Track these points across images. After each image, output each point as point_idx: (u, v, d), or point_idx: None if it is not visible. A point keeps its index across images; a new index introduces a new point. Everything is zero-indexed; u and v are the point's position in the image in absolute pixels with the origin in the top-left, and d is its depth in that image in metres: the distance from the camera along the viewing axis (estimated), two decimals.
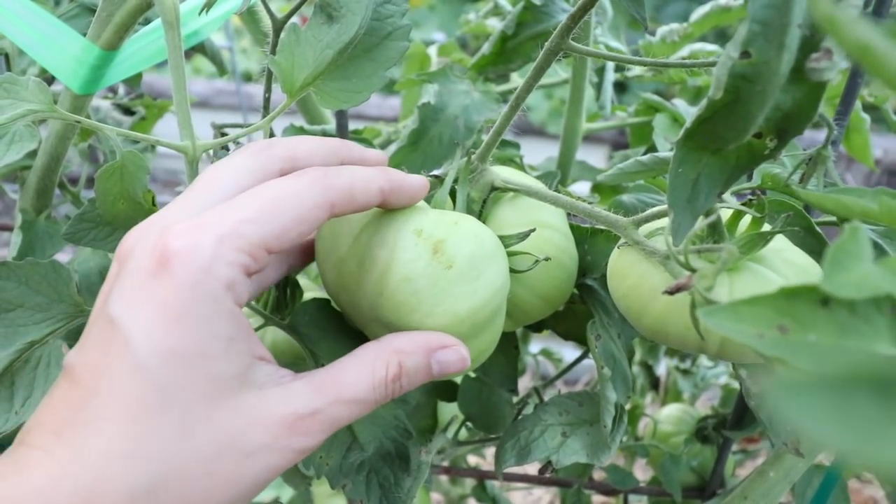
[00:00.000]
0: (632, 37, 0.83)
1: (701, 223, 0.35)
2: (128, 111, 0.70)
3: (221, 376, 0.32)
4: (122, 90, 0.70)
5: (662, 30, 0.73)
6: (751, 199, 0.37)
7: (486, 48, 0.65)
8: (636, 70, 0.77)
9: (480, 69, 0.68)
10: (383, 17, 0.43)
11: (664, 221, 0.40)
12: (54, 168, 0.56)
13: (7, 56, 0.56)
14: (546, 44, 0.42)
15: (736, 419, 0.67)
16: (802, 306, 0.25)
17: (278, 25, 0.47)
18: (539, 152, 0.90)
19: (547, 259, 0.45)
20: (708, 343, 0.36)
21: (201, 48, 0.63)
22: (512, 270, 0.45)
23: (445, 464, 0.87)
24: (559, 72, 0.76)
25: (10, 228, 0.57)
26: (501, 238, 0.45)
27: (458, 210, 0.47)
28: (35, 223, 0.57)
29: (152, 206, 0.46)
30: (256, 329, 0.47)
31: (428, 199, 0.48)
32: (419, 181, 0.41)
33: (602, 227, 0.45)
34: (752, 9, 0.31)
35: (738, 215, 0.39)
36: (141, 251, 0.33)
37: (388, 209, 0.42)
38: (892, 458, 0.14)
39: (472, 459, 0.90)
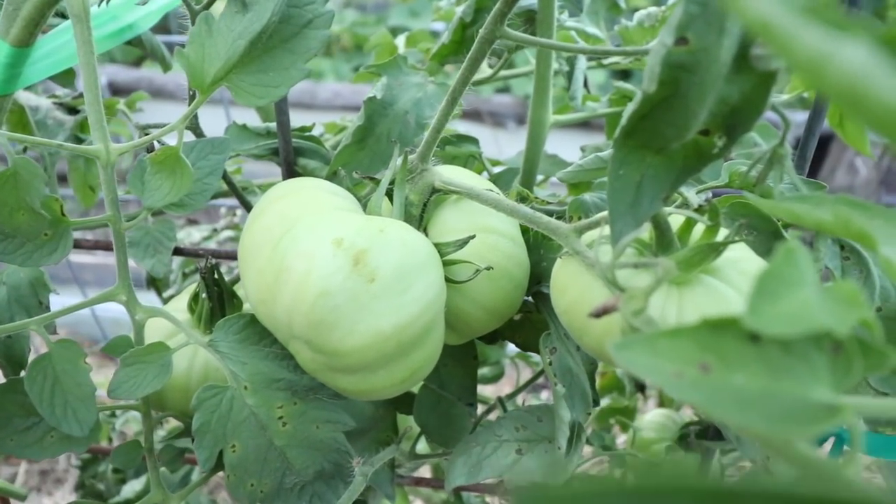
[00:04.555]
0: (616, 21, 0.78)
1: (641, 231, 0.31)
2: (72, 110, 0.66)
3: None
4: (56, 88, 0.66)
5: (639, 14, 0.69)
6: (702, 205, 0.33)
7: (445, 37, 0.61)
8: (615, 57, 0.73)
9: (441, 59, 0.64)
10: (302, 4, 0.39)
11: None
12: None
13: None
14: (480, 31, 0.38)
15: (717, 428, 0.63)
16: (729, 341, 0.21)
17: (194, 15, 0.43)
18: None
19: (489, 268, 0.41)
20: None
21: (139, 42, 0.59)
22: (449, 281, 0.41)
23: (426, 472, 0.84)
24: (531, 59, 0.72)
25: None
26: (438, 246, 0.41)
27: (394, 214, 0.43)
28: None
29: (62, 216, 0.43)
30: (178, 348, 0.43)
31: (366, 206, 0.44)
32: None
33: None
34: None
35: (690, 222, 0.34)
36: None
37: (309, 215, 0.38)
38: None
39: None
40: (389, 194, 0.44)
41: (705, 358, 0.21)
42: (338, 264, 0.36)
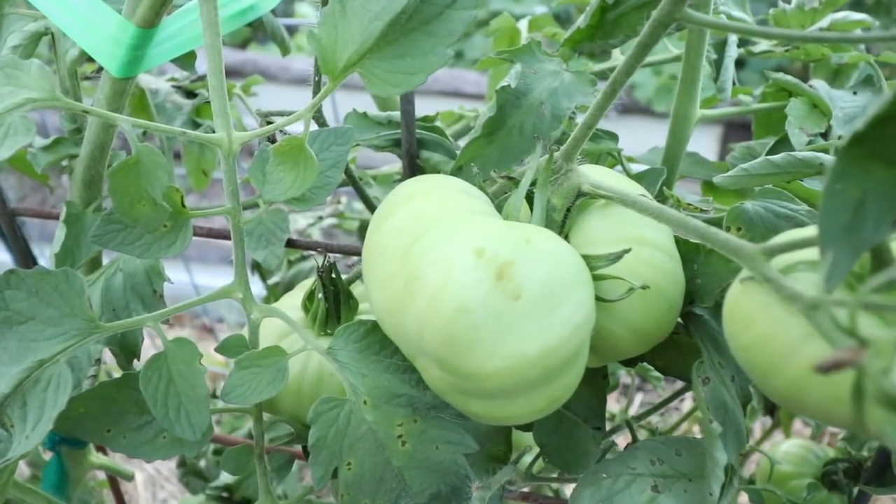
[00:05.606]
0: (757, 7, 0.70)
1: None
2: (190, 94, 0.65)
3: None
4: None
5: None
6: None
7: (581, 20, 0.56)
8: (763, 45, 0.65)
9: (575, 45, 0.58)
10: None
11: (810, 252, 0.29)
12: (99, 158, 0.51)
13: (53, 37, 0.51)
14: (654, 13, 0.32)
15: (878, 470, 0.55)
16: None
17: None
18: (644, 135, 0.80)
19: (645, 287, 0.36)
20: (874, 428, 0.26)
21: (259, 23, 0.57)
22: (599, 299, 0.36)
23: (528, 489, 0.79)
24: (669, 46, 0.65)
25: (56, 217, 0.53)
26: (587, 259, 0.36)
27: (534, 220, 0.38)
28: (82, 216, 0.53)
29: (182, 208, 0.40)
30: (295, 353, 0.40)
31: (499, 207, 0.40)
32: None
33: None
34: None
35: None
36: None
37: (444, 218, 0.34)
38: None
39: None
40: (529, 197, 0.39)
41: None
42: (479, 277, 0.32)
